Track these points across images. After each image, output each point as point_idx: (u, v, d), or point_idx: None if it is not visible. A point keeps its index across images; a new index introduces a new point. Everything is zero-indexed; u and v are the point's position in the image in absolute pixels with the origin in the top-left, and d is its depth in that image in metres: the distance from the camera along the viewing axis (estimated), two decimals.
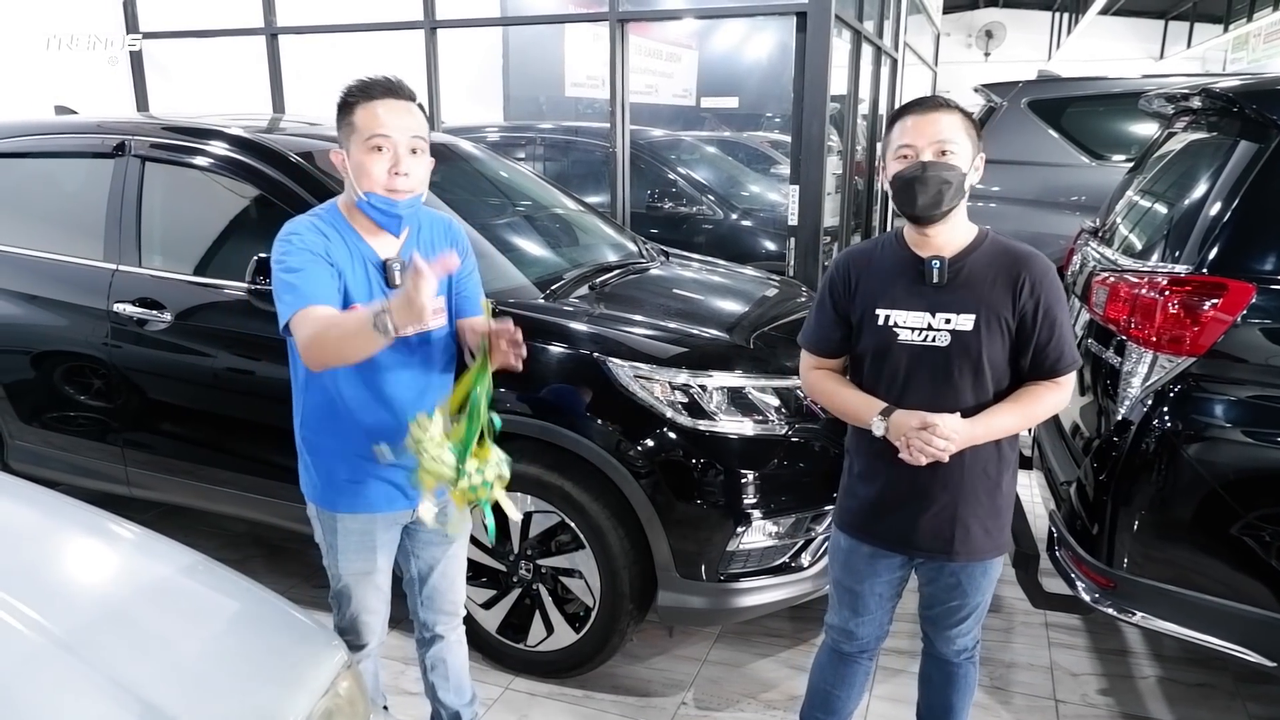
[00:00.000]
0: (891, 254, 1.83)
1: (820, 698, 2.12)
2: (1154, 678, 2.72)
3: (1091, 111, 5.46)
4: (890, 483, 1.85)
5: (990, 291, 1.74)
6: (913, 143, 1.72)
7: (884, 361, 1.79)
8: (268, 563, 3.37)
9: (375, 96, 1.69)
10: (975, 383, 1.75)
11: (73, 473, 3.22)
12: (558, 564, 2.57)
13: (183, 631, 1.50)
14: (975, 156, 1.76)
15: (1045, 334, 1.74)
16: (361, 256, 1.78)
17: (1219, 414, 2.09)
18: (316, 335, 1.64)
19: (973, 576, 1.89)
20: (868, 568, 1.94)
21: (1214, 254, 2.10)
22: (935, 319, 1.75)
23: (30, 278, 3.17)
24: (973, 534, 1.83)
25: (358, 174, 1.71)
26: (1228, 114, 2.41)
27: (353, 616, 2.02)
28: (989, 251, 1.78)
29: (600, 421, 2.44)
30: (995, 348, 1.74)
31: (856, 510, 1.93)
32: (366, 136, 1.68)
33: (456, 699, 2.23)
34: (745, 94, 9.85)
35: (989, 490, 1.83)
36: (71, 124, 3.45)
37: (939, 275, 1.75)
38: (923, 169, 1.70)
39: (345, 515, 1.91)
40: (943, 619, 1.98)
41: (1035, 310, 1.73)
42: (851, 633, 2.02)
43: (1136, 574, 2.16)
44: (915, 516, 1.84)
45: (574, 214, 3.77)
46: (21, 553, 1.64)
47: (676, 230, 5.63)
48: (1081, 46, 16.01)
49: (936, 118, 1.72)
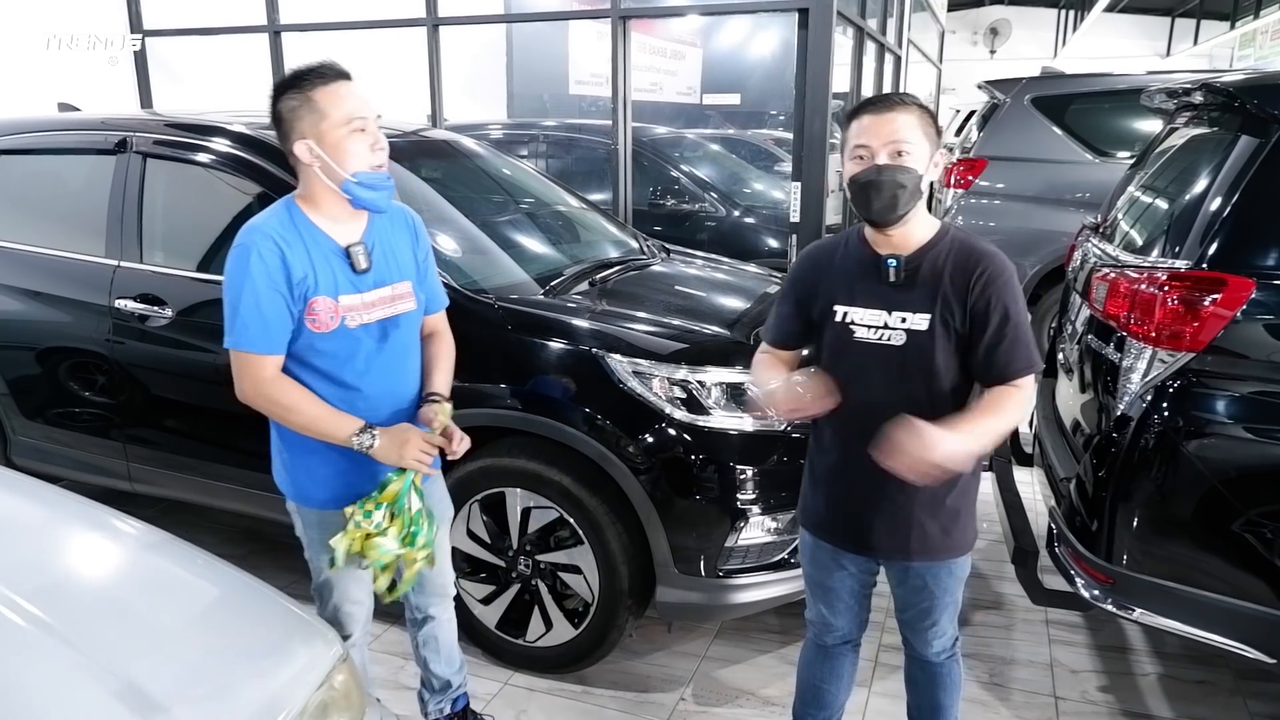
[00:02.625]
0: (853, 251, 1.82)
1: (811, 693, 2.12)
2: (1154, 675, 2.72)
3: (1095, 108, 5.45)
4: (847, 485, 1.84)
5: (945, 290, 1.71)
6: (868, 143, 1.68)
7: (841, 357, 1.78)
8: (268, 558, 3.37)
9: (332, 79, 1.73)
10: (929, 382, 1.72)
11: (75, 468, 3.23)
12: (556, 559, 2.57)
13: (181, 625, 1.51)
14: (934, 154, 1.72)
15: (997, 334, 1.68)
16: (322, 249, 1.78)
17: (1219, 410, 2.08)
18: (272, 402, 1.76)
19: (938, 577, 1.87)
20: (834, 563, 1.94)
21: (1214, 249, 2.09)
22: (891, 317, 1.74)
23: (33, 274, 3.18)
24: (930, 535, 1.81)
25: (339, 157, 1.72)
26: (1228, 109, 2.40)
27: (335, 607, 2.03)
28: (947, 249, 1.74)
29: (599, 417, 2.44)
30: (950, 347, 1.72)
31: (816, 510, 1.93)
32: (345, 120, 1.71)
33: (447, 668, 2.29)
34: (748, 91, 9.85)
35: (946, 492, 1.78)
36: (74, 121, 3.46)
37: (896, 274, 1.73)
38: (878, 172, 1.67)
39: (324, 510, 1.92)
40: (916, 621, 1.95)
41: (987, 309, 1.68)
42: (829, 625, 2.03)
43: (1136, 570, 2.16)
44: (871, 519, 1.82)
45: (576, 211, 3.78)
46: (22, 547, 1.65)
47: (679, 227, 5.63)
48: (1087, 44, 15.96)
49: (892, 117, 1.68)
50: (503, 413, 2.50)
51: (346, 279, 1.80)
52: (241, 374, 1.77)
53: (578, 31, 8.83)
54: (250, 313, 1.71)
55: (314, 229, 1.78)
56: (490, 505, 2.59)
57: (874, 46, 6.66)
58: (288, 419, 1.80)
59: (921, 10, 9.63)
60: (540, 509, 2.53)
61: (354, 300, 1.81)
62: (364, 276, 1.82)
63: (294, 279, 1.73)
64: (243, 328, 1.72)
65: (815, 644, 2.09)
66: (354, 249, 1.81)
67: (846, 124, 1.76)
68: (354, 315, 1.81)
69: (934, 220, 1.79)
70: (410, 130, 3.54)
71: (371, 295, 1.84)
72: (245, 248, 1.72)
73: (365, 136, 1.73)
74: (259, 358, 1.75)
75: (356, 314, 1.82)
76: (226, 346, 1.76)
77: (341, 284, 1.80)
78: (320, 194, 1.78)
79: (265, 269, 1.71)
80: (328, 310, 1.77)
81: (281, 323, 1.74)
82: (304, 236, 1.77)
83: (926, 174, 1.71)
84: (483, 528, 2.61)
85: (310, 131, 1.72)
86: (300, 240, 1.76)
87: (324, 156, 1.73)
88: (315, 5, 5.53)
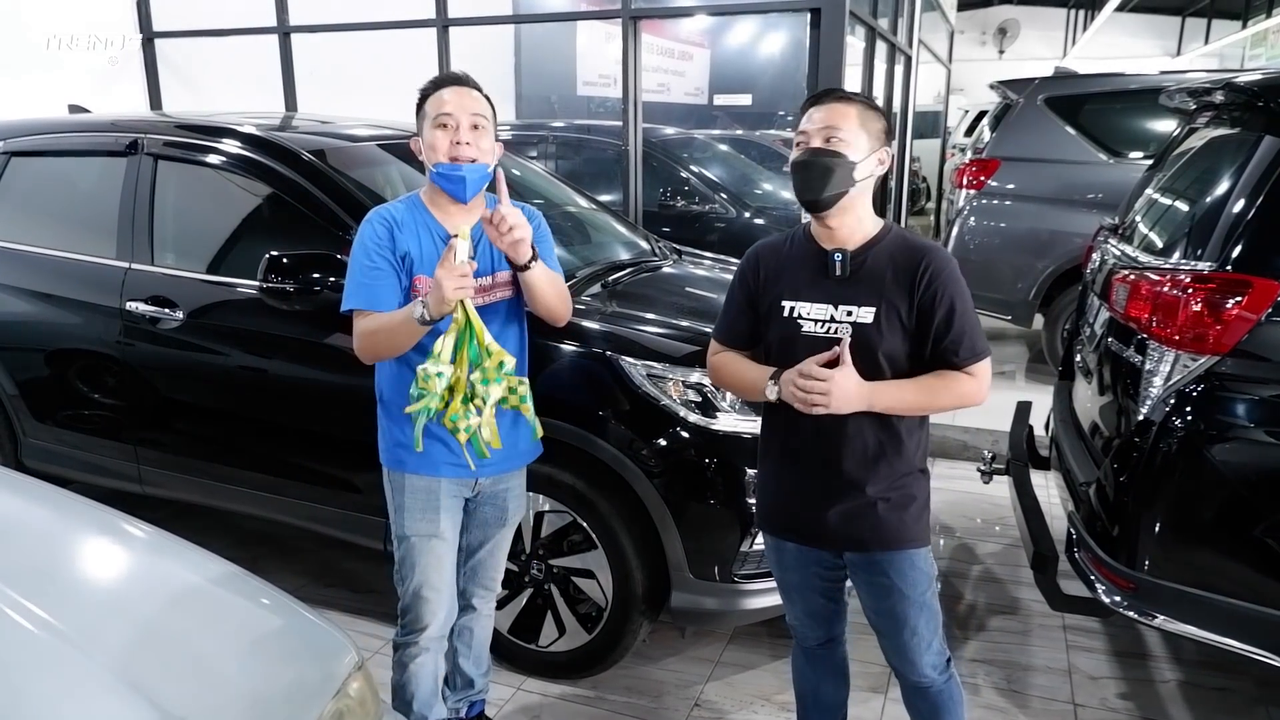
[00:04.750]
0: (799, 247, 1.86)
1: (810, 699, 2.11)
2: (1174, 681, 2.69)
3: (1109, 108, 5.40)
4: (799, 477, 1.86)
5: (890, 284, 1.75)
6: (805, 129, 1.78)
7: (789, 352, 1.80)
8: (279, 561, 3.37)
9: (443, 85, 1.95)
10: (875, 374, 1.74)
11: (86, 471, 3.23)
12: (570, 564, 2.55)
13: (192, 631, 1.49)
14: (875, 151, 1.77)
15: (944, 325, 1.74)
16: (430, 232, 1.96)
17: (1242, 414, 2.05)
18: (367, 338, 1.92)
19: (901, 570, 1.84)
20: (796, 562, 1.94)
21: (1238, 251, 2.07)
22: (837, 311, 1.77)
23: (44, 276, 3.18)
24: (885, 523, 1.81)
25: (428, 151, 1.93)
26: (1252, 109, 2.36)
27: (415, 591, 2.07)
28: (891, 245, 1.79)
29: (613, 421, 2.42)
30: (895, 340, 1.75)
31: (771, 507, 1.94)
32: (433, 117, 1.91)
33: (474, 668, 2.32)
34: (758, 92, 9.82)
35: (896, 480, 1.81)
36: (85, 122, 3.46)
37: (841, 268, 1.78)
38: (810, 154, 1.74)
39: (411, 475, 2.03)
40: (894, 632, 1.89)
41: (934, 302, 1.73)
42: (810, 626, 2.02)
43: (1158, 576, 2.13)
44: (826, 509, 1.83)
45: (586, 212, 3.76)
46: (32, 552, 1.64)
47: (689, 228, 5.61)
48: (1097, 43, 15.87)
49: (831, 107, 1.76)
50: None
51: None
52: (354, 331, 1.94)
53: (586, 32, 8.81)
54: (359, 275, 1.92)
55: (427, 214, 1.98)
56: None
57: (885, 47, 6.63)
58: (374, 337, 1.92)
59: (931, 10, 9.59)
60: (554, 513, 2.52)
61: None
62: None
63: (399, 251, 1.92)
64: (353, 289, 1.92)
65: (801, 649, 2.09)
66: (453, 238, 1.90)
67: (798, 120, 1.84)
68: None
69: (878, 219, 1.84)
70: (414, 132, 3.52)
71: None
72: (364, 223, 1.96)
73: (447, 132, 1.89)
74: (362, 311, 1.92)
75: None
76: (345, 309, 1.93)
77: None
78: (431, 186, 1.98)
79: (375, 238, 1.92)
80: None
81: (388, 286, 1.92)
82: (417, 220, 1.97)
83: (863, 164, 1.75)
84: None
85: (421, 129, 1.96)
86: (414, 223, 1.96)
87: (423, 149, 1.95)
88: (325, 6, 5.52)
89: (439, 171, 1.91)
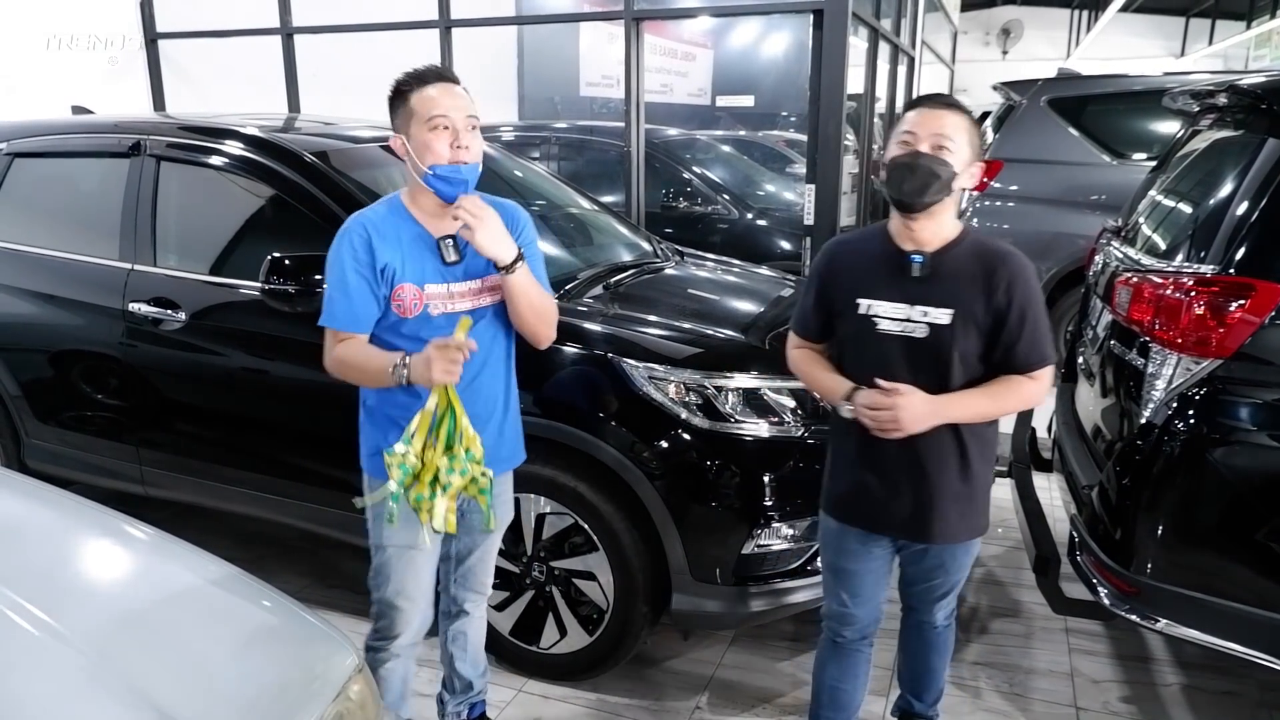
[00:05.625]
0: (876, 246, 1.89)
1: (828, 695, 2.13)
2: (1177, 685, 2.68)
3: (1112, 110, 5.39)
4: (869, 468, 1.92)
5: (968, 288, 1.80)
6: (914, 131, 1.79)
7: (862, 350, 1.86)
8: (280, 562, 3.37)
9: (428, 82, 1.84)
10: (948, 375, 1.81)
11: (88, 472, 3.23)
12: (571, 566, 2.55)
13: (193, 633, 1.49)
14: (972, 163, 1.82)
15: (1017, 330, 1.80)
16: (416, 239, 1.89)
17: (1245, 417, 2.05)
18: (338, 363, 1.89)
19: (955, 556, 1.99)
20: (860, 548, 2.00)
21: (1241, 254, 2.06)
22: (914, 311, 1.82)
23: (47, 277, 3.18)
24: (949, 519, 1.91)
25: (421, 153, 1.82)
26: (1255, 111, 2.36)
27: (389, 600, 2.04)
28: (969, 249, 1.84)
29: (614, 423, 2.42)
30: (970, 342, 1.81)
31: (841, 494, 1.99)
32: (427, 118, 1.81)
33: (472, 670, 2.30)
34: (761, 93, 9.82)
35: (962, 476, 1.89)
36: (88, 124, 3.47)
37: (920, 269, 1.81)
38: (915, 157, 1.77)
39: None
40: (926, 595, 2.08)
41: (1009, 308, 1.79)
42: (850, 616, 2.05)
43: (1160, 580, 2.12)
44: (892, 502, 1.91)
45: (588, 213, 3.76)
46: (34, 554, 1.64)
47: (691, 230, 5.60)
48: (1101, 44, 15.84)
49: (941, 114, 1.79)
50: None
51: (435, 269, 1.89)
52: (325, 347, 1.91)
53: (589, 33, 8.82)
54: (336, 292, 1.87)
55: (410, 219, 1.90)
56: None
57: (888, 48, 6.63)
58: (347, 371, 1.90)
59: (934, 11, 9.58)
60: (555, 515, 2.51)
61: (439, 290, 1.90)
62: (453, 269, 1.91)
63: (378, 264, 1.85)
64: (328, 305, 1.88)
65: (832, 641, 2.11)
66: (444, 241, 1.90)
67: (899, 117, 1.86)
68: (437, 304, 1.89)
69: (958, 223, 1.87)
70: None
71: (460, 286, 1.92)
72: (340, 234, 1.88)
73: (445, 134, 1.81)
74: (334, 331, 1.89)
75: (440, 303, 1.90)
76: (319, 325, 1.90)
77: (429, 274, 1.89)
78: (414, 187, 1.89)
79: (353, 253, 1.85)
80: (411, 297, 1.87)
81: (365, 304, 1.86)
82: (398, 226, 1.89)
83: (962, 176, 1.79)
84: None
85: (403, 128, 1.85)
86: (394, 229, 1.88)
87: (411, 151, 1.84)
88: (328, 8, 5.53)
89: (439, 174, 1.82)
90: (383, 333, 1.90)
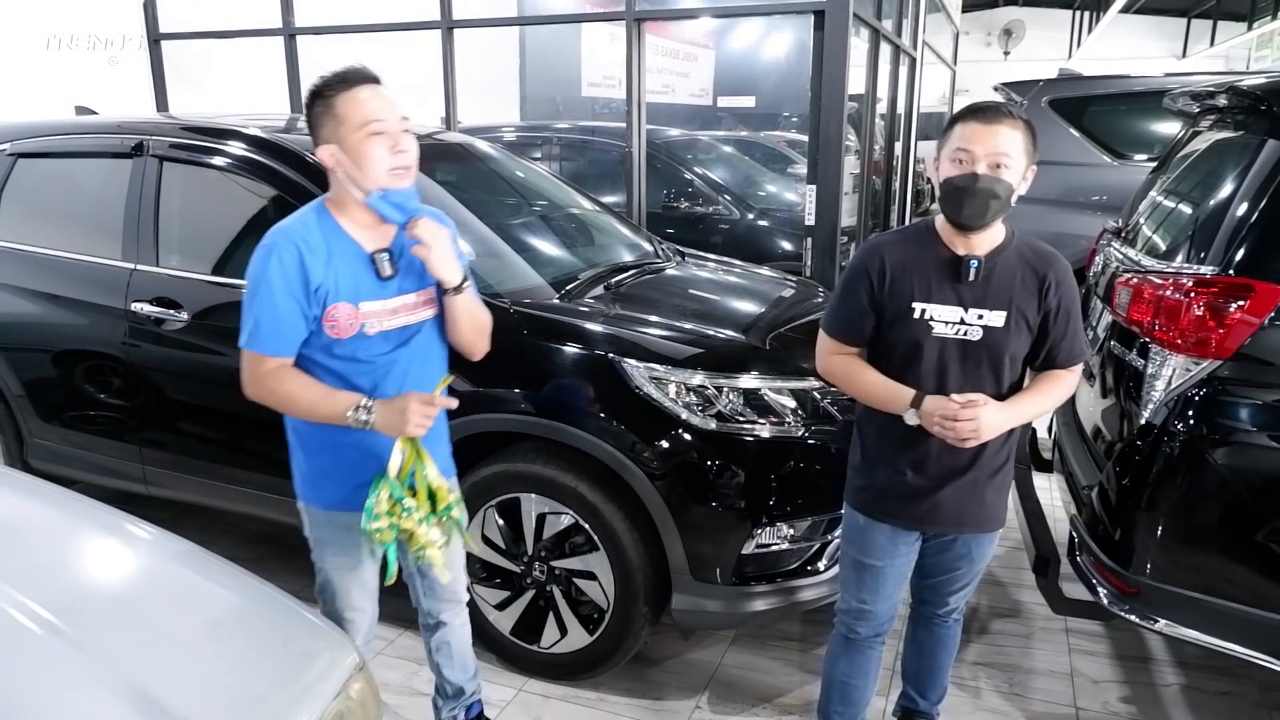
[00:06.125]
0: (926, 248, 1.88)
1: (838, 691, 2.14)
2: (1177, 685, 2.68)
3: (1113, 110, 5.40)
4: (910, 465, 1.93)
5: (1019, 290, 1.83)
6: (970, 149, 1.75)
7: (918, 353, 1.86)
8: (282, 562, 3.37)
9: (353, 84, 1.71)
10: (999, 374, 1.86)
11: (91, 471, 3.24)
12: (572, 566, 2.55)
13: (196, 633, 1.50)
14: (1027, 169, 1.81)
15: (1063, 329, 1.87)
16: (347, 254, 1.77)
17: (1245, 418, 2.05)
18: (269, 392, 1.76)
19: (981, 545, 2.04)
20: (889, 544, 2.00)
21: (1240, 255, 2.07)
22: (969, 314, 1.84)
23: (49, 277, 3.19)
24: (988, 507, 1.98)
25: (361, 162, 1.70)
26: (1255, 112, 2.36)
27: (337, 613, 2.02)
28: (1017, 251, 1.87)
29: (614, 423, 2.42)
30: (1020, 342, 1.86)
31: (877, 492, 1.99)
32: (361, 124, 1.69)
33: (461, 674, 2.27)
34: (762, 93, 9.83)
35: (1001, 466, 1.97)
36: (91, 124, 3.47)
37: (975, 274, 1.83)
38: (974, 180, 1.74)
39: (332, 511, 1.92)
40: (946, 586, 2.11)
41: (1057, 309, 1.85)
42: (868, 613, 2.06)
43: (1160, 580, 2.13)
44: (939, 496, 1.93)
45: (590, 214, 3.76)
46: (36, 553, 1.65)
47: (693, 230, 5.61)
48: (1103, 45, 15.83)
49: (998, 130, 1.74)
50: (518, 418, 2.49)
51: (370, 285, 1.79)
52: (245, 371, 1.78)
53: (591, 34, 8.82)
54: (263, 314, 1.72)
55: (340, 233, 1.77)
56: (505, 510, 2.58)
57: (889, 48, 6.63)
58: (291, 406, 1.80)
59: (936, 11, 9.57)
60: (555, 514, 2.52)
61: (376, 306, 1.80)
62: (388, 284, 1.80)
63: (311, 284, 1.72)
64: (254, 328, 1.73)
65: (845, 638, 2.12)
66: (379, 256, 1.78)
67: (950, 126, 1.82)
68: (374, 321, 1.80)
69: (1003, 224, 1.88)
70: (424, 134, 3.53)
71: (395, 302, 1.82)
72: (267, 250, 1.73)
73: (383, 139, 1.70)
74: (262, 356, 1.75)
75: (377, 320, 1.80)
76: (239, 347, 1.77)
77: (364, 290, 1.78)
78: (347, 199, 1.77)
79: (283, 272, 1.70)
80: (347, 317, 1.76)
81: (294, 327, 1.74)
82: (329, 241, 1.76)
83: (1019, 188, 1.79)
84: (498, 533, 2.60)
85: (332, 137, 1.71)
86: (325, 244, 1.75)
87: (346, 162, 1.71)
88: (330, 8, 5.54)
89: (393, 201, 1.72)
90: (314, 354, 1.79)
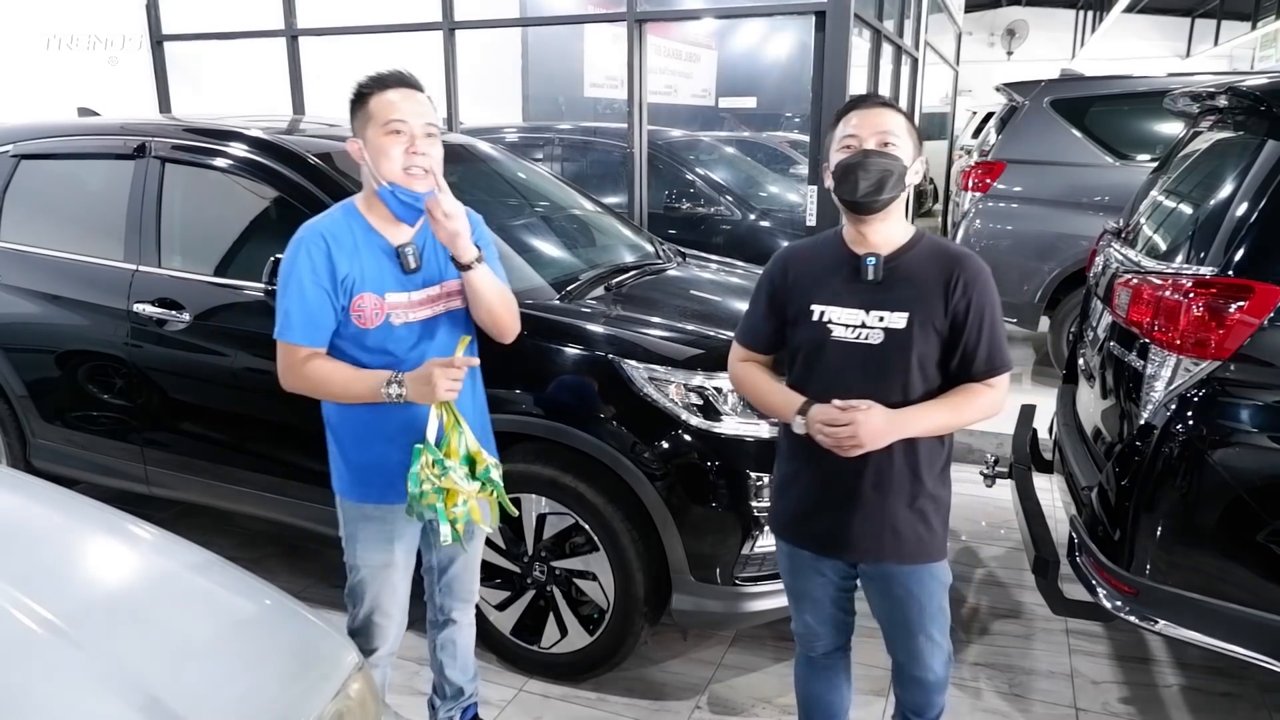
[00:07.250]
0: (830, 251, 1.84)
1: (814, 706, 2.09)
2: (1177, 686, 2.68)
3: (1115, 111, 5.39)
4: (818, 485, 1.83)
5: (924, 291, 1.74)
6: (856, 133, 1.74)
7: (817, 358, 1.79)
8: (284, 562, 3.39)
9: (389, 86, 1.81)
10: (906, 382, 1.74)
11: (93, 471, 3.25)
12: (572, 566, 2.56)
13: (196, 633, 1.51)
14: (916, 159, 1.77)
15: (975, 335, 1.73)
16: (374, 248, 1.85)
17: (1244, 419, 2.05)
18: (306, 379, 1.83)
19: (921, 581, 1.84)
20: (813, 569, 1.92)
21: (1240, 255, 2.06)
22: (869, 316, 1.75)
23: (52, 278, 3.20)
24: (904, 537, 1.80)
25: (376, 157, 1.79)
26: (1255, 113, 2.36)
27: (366, 616, 2.03)
28: (924, 251, 1.78)
29: (615, 423, 2.43)
30: (928, 347, 1.74)
31: (788, 514, 1.91)
32: (384, 121, 1.77)
33: (461, 675, 2.29)
34: (764, 94, 9.83)
35: (918, 492, 1.80)
36: (93, 125, 3.49)
37: (874, 272, 1.75)
38: (864, 155, 1.71)
39: (367, 505, 1.97)
40: (907, 638, 1.90)
41: (966, 311, 1.73)
42: (816, 634, 2.00)
43: (1160, 581, 2.12)
44: (845, 519, 1.81)
45: (591, 215, 3.77)
46: (37, 552, 1.65)
47: (694, 231, 5.61)
48: (1106, 45, 15.82)
49: (880, 112, 1.75)
50: (518, 418, 2.50)
51: (395, 278, 1.86)
52: (280, 361, 1.85)
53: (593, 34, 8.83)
54: (293, 305, 1.81)
55: (367, 228, 1.86)
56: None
57: (891, 49, 6.63)
58: (326, 390, 1.86)
59: (938, 11, 9.57)
60: (556, 515, 2.52)
61: (400, 299, 1.86)
62: (413, 276, 1.88)
63: (338, 275, 1.81)
64: (285, 319, 1.82)
65: (806, 657, 2.07)
66: (404, 249, 1.86)
67: (834, 123, 1.81)
68: (399, 313, 1.86)
69: (909, 225, 1.83)
70: None
71: (419, 294, 1.89)
72: (296, 244, 1.83)
73: (400, 138, 1.77)
74: (296, 346, 1.83)
75: (402, 311, 1.87)
76: (274, 338, 1.84)
77: (389, 282, 1.85)
78: (373, 196, 1.85)
79: (311, 264, 1.80)
80: (372, 307, 1.83)
81: (324, 316, 1.82)
82: (356, 235, 1.84)
83: (909, 175, 1.75)
84: (498, 533, 2.61)
85: (361, 131, 1.82)
86: (351, 237, 1.83)
87: (366, 156, 1.81)
88: (332, 10, 5.55)
89: (395, 194, 1.80)
90: (345, 345, 1.86)
